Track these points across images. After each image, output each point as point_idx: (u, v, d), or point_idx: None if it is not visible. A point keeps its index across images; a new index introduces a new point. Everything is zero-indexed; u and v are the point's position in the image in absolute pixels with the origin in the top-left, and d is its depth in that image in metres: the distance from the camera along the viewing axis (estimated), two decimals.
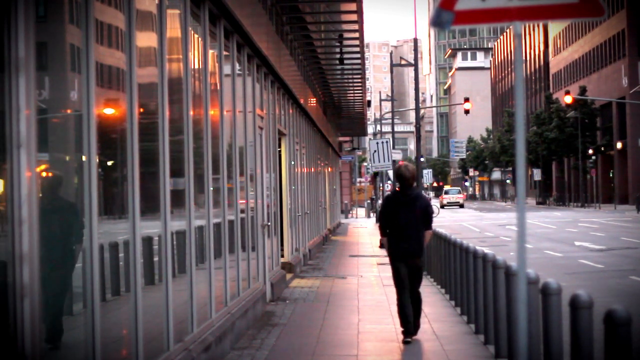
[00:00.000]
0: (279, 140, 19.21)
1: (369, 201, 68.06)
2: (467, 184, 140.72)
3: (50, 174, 6.01)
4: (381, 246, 12.01)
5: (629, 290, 17.08)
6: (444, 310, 14.13)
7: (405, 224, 11.23)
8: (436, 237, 17.60)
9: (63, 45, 6.37)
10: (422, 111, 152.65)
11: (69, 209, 6.26)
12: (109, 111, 7.17)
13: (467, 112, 51.94)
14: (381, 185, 50.63)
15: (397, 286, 11.48)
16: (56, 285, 6.06)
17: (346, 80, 34.82)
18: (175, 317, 8.47)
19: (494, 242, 32.33)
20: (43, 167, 5.78)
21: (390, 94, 56.70)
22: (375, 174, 56.47)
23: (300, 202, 23.72)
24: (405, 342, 11.18)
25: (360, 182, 75.85)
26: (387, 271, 16.77)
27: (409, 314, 11.30)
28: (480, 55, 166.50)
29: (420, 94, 49.30)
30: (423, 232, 11.32)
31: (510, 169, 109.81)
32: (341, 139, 62.17)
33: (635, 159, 72.47)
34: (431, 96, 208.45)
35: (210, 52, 11.17)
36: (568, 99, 62.80)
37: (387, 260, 14.32)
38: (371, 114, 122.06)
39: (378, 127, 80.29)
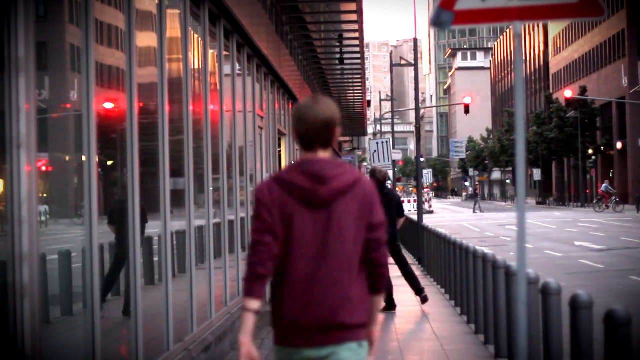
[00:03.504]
0: (279, 140, 19.22)
1: None
2: (467, 183, 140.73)
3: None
4: None
5: (629, 290, 17.08)
6: (444, 310, 14.14)
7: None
8: (436, 237, 17.61)
9: (63, 45, 6.37)
10: (422, 111, 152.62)
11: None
12: (109, 111, 7.17)
13: (467, 109, 51.80)
14: None
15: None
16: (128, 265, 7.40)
17: (346, 80, 34.84)
18: (175, 317, 8.47)
19: (494, 242, 32.33)
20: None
21: (390, 94, 56.77)
22: None
23: None
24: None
25: None
26: None
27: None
28: (480, 55, 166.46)
29: (420, 94, 49.26)
30: (397, 220, 14.34)
31: (510, 169, 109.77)
32: (341, 139, 62.18)
33: (635, 159, 72.43)
34: (431, 96, 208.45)
35: (210, 52, 11.17)
36: (568, 93, 62.85)
37: None
38: (371, 114, 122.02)
39: (378, 127, 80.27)
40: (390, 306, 14.12)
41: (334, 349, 4.23)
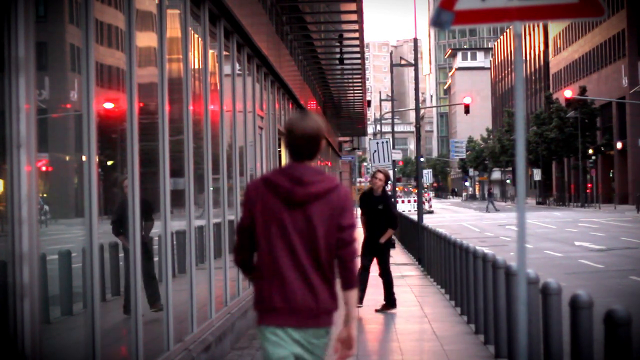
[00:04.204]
0: (279, 140, 19.21)
1: None
2: (467, 183, 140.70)
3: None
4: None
5: (629, 290, 17.08)
6: (444, 310, 14.14)
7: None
8: (436, 237, 17.61)
9: (63, 45, 6.37)
10: (422, 111, 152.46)
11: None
12: (109, 111, 7.17)
13: (467, 109, 51.74)
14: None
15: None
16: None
17: (346, 80, 34.86)
18: (175, 317, 8.47)
19: (494, 242, 32.33)
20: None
21: (390, 94, 56.75)
22: None
23: None
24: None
25: (360, 182, 75.91)
26: None
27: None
28: (480, 55, 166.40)
29: (420, 94, 49.23)
30: None
31: (510, 169, 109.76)
32: (341, 139, 62.19)
33: (635, 159, 72.42)
34: (431, 96, 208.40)
35: (210, 52, 11.17)
36: (568, 93, 62.83)
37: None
38: (371, 114, 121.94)
39: (378, 127, 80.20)
40: (391, 304, 14.14)
41: (303, 330, 4.84)
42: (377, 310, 13.99)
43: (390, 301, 14.18)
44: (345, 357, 4.91)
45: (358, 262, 5.09)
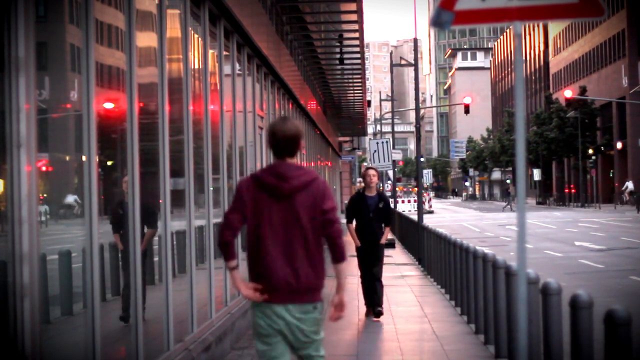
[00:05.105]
0: None
1: None
2: (467, 183, 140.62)
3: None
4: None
5: (629, 290, 17.07)
6: (444, 310, 14.13)
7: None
8: (436, 237, 17.61)
9: (63, 45, 6.37)
10: (422, 111, 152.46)
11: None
12: (109, 111, 7.17)
13: (467, 109, 51.69)
14: (381, 185, 50.59)
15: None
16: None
17: (346, 80, 34.84)
18: (175, 317, 8.47)
19: (494, 242, 32.32)
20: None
21: (390, 94, 56.69)
22: None
23: None
24: (367, 316, 13.46)
25: (360, 182, 75.86)
26: (386, 271, 16.72)
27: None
28: (480, 55, 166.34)
29: (420, 94, 49.22)
30: None
31: (510, 169, 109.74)
32: (341, 139, 62.16)
33: (635, 159, 72.40)
34: (431, 96, 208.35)
35: (210, 52, 11.17)
36: (568, 93, 62.85)
37: (387, 260, 14.31)
38: (371, 114, 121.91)
39: (378, 127, 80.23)
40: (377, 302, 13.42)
41: (293, 306, 5.52)
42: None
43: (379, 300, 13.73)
44: (338, 318, 5.66)
45: (344, 236, 5.90)
